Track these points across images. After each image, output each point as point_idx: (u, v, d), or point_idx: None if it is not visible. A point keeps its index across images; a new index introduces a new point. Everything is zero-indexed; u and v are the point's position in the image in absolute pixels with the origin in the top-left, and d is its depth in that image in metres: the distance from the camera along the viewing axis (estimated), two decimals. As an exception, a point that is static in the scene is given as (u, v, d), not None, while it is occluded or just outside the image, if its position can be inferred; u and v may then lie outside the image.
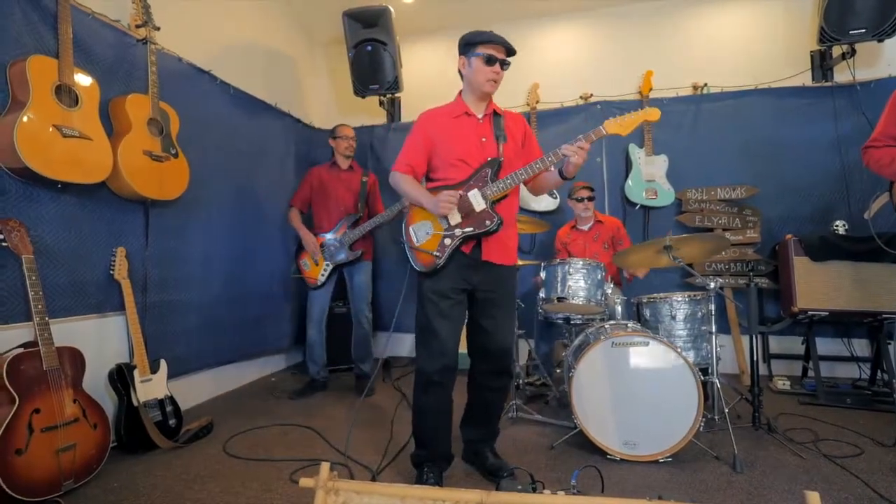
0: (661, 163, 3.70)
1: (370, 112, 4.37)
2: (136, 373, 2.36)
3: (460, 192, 1.87)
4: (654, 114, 1.82)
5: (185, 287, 2.89)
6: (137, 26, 2.60)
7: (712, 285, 2.39)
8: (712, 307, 2.44)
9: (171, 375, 2.61)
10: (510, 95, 4.05)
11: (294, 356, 4.05)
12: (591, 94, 3.93)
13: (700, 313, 2.59)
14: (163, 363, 2.49)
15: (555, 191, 3.88)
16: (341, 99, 4.50)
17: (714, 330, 2.42)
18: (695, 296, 2.62)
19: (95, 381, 2.28)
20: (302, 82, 4.36)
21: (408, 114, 4.23)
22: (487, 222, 1.86)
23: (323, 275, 3.22)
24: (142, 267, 2.62)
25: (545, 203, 3.88)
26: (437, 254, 1.87)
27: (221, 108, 3.24)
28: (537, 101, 3.97)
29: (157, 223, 2.71)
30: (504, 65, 1.90)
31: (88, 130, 2.21)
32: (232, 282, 3.26)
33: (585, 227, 3.35)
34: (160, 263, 2.73)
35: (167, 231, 2.77)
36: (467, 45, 1.92)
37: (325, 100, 4.58)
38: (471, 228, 1.86)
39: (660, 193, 3.68)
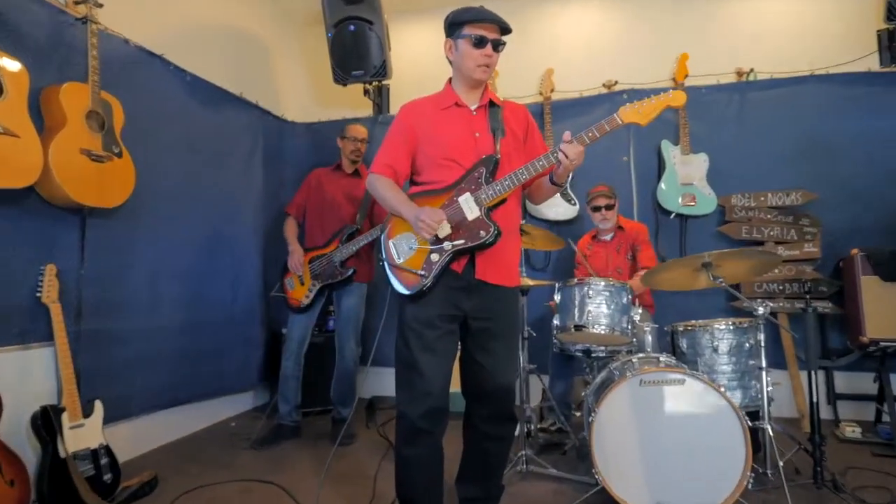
0: (700, 163, 3.72)
1: (353, 102, 4.41)
2: (64, 417, 2.34)
3: (446, 209, 1.86)
4: (678, 98, 1.81)
5: (129, 312, 2.89)
6: (76, 2, 2.64)
7: (760, 311, 2.37)
8: (762, 337, 2.41)
9: (109, 420, 2.58)
10: (520, 83, 4.09)
11: (260, 395, 4.02)
12: (616, 82, 3.96)
13: (748, 344, 2.57)
14: (98, 405, 2.47)
15: (573, 195, 3.89)
16: (319, 87, 4.54)
17: (764, 365, 2.40)
18: (741, 323, 2.60)
19: (15, 427, 2.26)
20: (273, 68, 4.41)
21: (397, 104, 4.25)
22: (482, 233, 1.84)
23: (308, 296, 3.23)
24: (76, 288, 2.61)
25: (561, 210, 3.89)
26: (423, 273, 1.86)
27: (176, 98, 3.27)
28: (552, 90, 4.00)
29: (96, 235, 2.71)
30: (498, 46, 1.90)
31: (14, 125, 2.22)
32: (186, 306, 3.25)
33: (607, 237, 3.36)
34: (98, 284, 2.72)
35: (108, 245, 2.77)
36: (452, 26, 1.93)
37: (300, 88, 4.63)
38: (462, 241, 1.85)
39: (699, 199, 3.68)
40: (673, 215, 3.74)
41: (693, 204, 3.68)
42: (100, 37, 2.63)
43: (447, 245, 1.85)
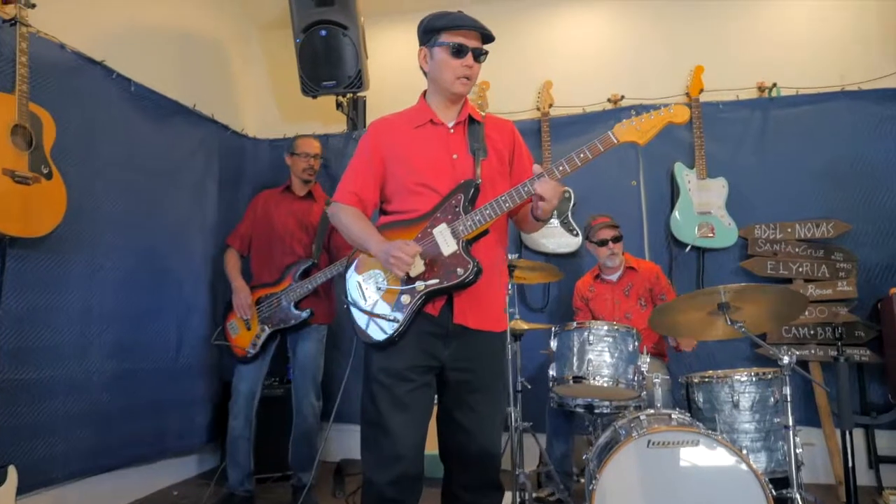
0: (718, 189, 3.79)
1: (325, 116, 4.47)
2: (-29, 484, 2.30)
3: (419, 243, 1.88)
4: (681, 113, 1.86)
5: (53, 360, 2.87)
6: (4, 2, 2.69)
7: (786, 360, 2.39)
8: (788, 391, 2.42)
9: (26, 489, 2.55)
10: (514, 98, 4.18)
11: (208, 459, 3.96)
12: (623, 97, 4.06)
13: (773, 399, 2.59)
14: (11, 472, 2.43)
15: (575, 225, 3.95)
16: (285, 99, 4.61)
17: (791, 423, 2.40)
18: (765, 374, 2.63)
19: (-88, 497, 2.22)
20: (232, 77, 4.48)
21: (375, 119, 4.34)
22: (460, 271, 1.84)
23: (255, 344, 3.20)
24: (-9, 331, 2.60)
25: (562, 242, 3.94)
26: (392, 318, 1.87)
27: (118, 110, 3.32)
28: (550, 105, 4.10)
29: (18, 269, 2.71)
30: (479, 55, 1.94)
31: (-74, 143, 2.24)
32: (122, 352, 3.23)
33: (613, 277, 3.40)
34: (18, 326, 2.71)
35: (31, 280, 2.77)
36: (427, 33, 1.96)
37: (264, 100, 4.70)
38: (437, 280, 1.85)
39: (718, 230, 3.74)
40: (688, 248, 3.79)
41: (711, 235, 3.74)
42: (31, 41, 2.68)
43: (419, 285, 1.85)
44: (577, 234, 3.93)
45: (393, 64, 4.40)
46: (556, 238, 3.95)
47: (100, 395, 3.09)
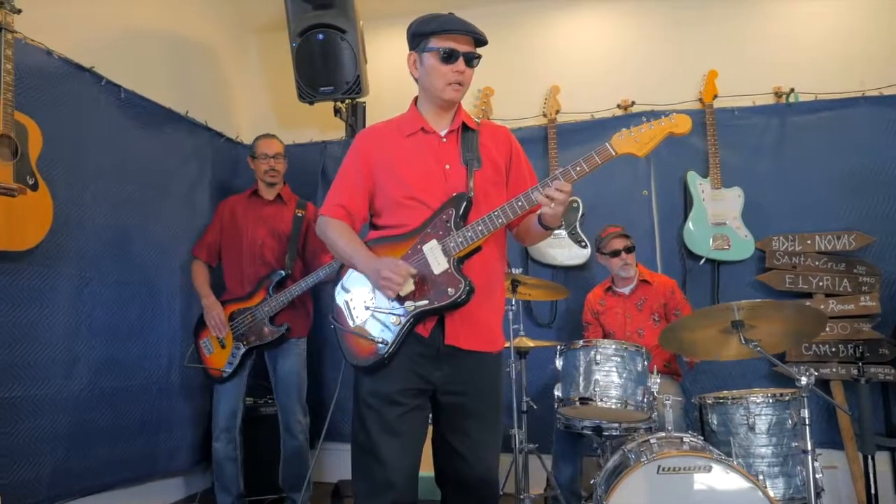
0: (733, 199, 3.80)
1: (323, 122, 4.50)
2: (-48, 509, 2.32)
3: (409, 260, 1.88)
4: (682, 123, 1.85)
5: (39, 378, 2.88)
6: (-12, 8, 2.72)
7: (804, 381, 2.38)
8: (806, 413, 2.41)
9: (9, 512, 2.57)
10: (519, 103, 4.20)
11: (200, 479, 3.96)
12: (633, 103, 4.07)
13: (790, 421, 2.58)
14: (-5, 494, 2.45)
15: (584, 236, 3.95)
16: (282, 104, 4.64)
17: (810, 447, 2.39)
18: (782, 395, 2.61)
19: None
20: (226, 82, 4.52)
21: (375, 126, 4.37)
22: (451, 291, 1.83)
23: (231, 363, 3.18)
24: (-26, 348, 2.63)
25: (570, 254, 3.94)
26: (381, 340, 1.86)
27: (107, 118, 3.34)
28: (557, 111, 4.11)
29: (3, 283, 2.73)
30: (471, 60, 1.93)
31: None
32: (110, 369, 3.25)
33: (625, 290, 3.40)
34: (2, 343, 2.72)
35: (16, 295, 2.79)
36: (416, 37, 1.96)
37: (259, 106, 4.73)
38: (426, 301, 1.84)
39: (733, 242, 3.74)
40: (703, 261, 3.79)
41: (727, 247, 3.74)
42: (17, 47, 2.70)
43: (409, 305, 1.84)
44: (585, 246, 3.93)
45: (393, 68, 4.39)
46: (564, 249, 3.95)
47: (88, 414, 3.10)
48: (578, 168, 1.83)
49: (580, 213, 3.95)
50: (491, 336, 1.98)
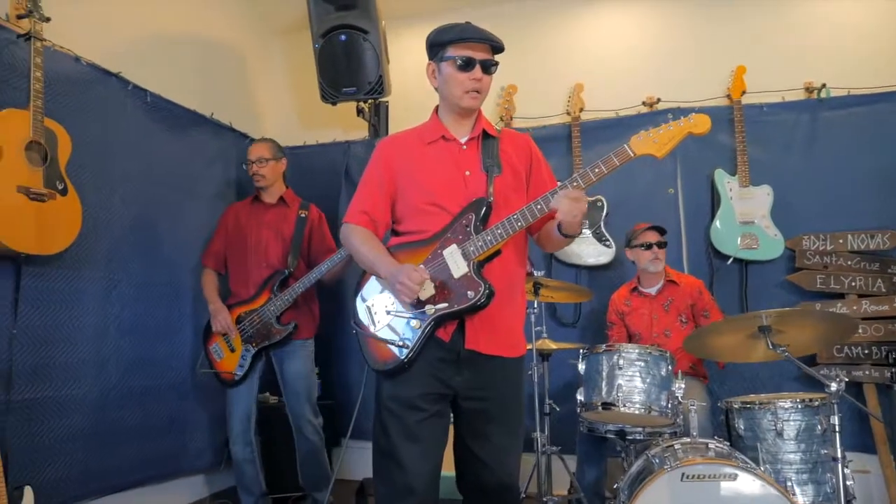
0: (762, 197, 3.72)
1: (346, 122, 4.51)
2: (-14, 508, 2.38)
3: (429, 265, 1.89)
4: (701, 123, 1.83)
5: (69, 379, 2.95)
6: (19, 17, 2.78)
7: (834, 387, 2.32)
8: (835, 420, 2.36)
9: (42, 509, 2.63)
10: (542, 102, 4.16)
11: (223, 478, 4.01)
12: (658, 100, 4.01)
13: (820, 427, 2.52)
14: (28, 493, 2.50)
15: (608, 235, 3.91)
16: (305, 105, 4.66)
17: (840, 455, 2.33)
18: (811, 401, 2.55)
19: (-73, 521, 2.30)
20: (250, 84, 4.55)
21: (398, 125, 4.34)
22: (470, 294, 1.84)
23: (242, 365, 3.19)
24: (6, 350, 2.69)
25: (595, 252, 3.90)
26: (401, 344, 1.88)
27: (133, 122, 3.40)
28: (581, 109, 4.07)
29: (33, 287, 2.80)
30: (489, 67, 1.96)
31: (-58, 163, 2.33)
32: (138, 369, 3.32)
33: (652, 290, 3.35)
34: (34, 345, 2.80)
35: (47, 298, 2.86)
36: (434, 47, 2.00)
37: (283, 106, 4.77)
38: (446, 305, 1.85)
39: (762, 241, 3.67)
40: (731, 260, 3.72)
41: (755, 247, 3.67)
42: (45, 54, 2.76)
43: (429, 309, 1.85)
44: (610, 245, 3.88)
45: (415, 68, 4.36)
46: (588, 248, 3.91)
47: (117, 413, 3.17)
48: (597, 170, 1.84)
49: (605, 211, 3.91)
50: (512, 340, 1.99)
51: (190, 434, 3.63)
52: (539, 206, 1.86)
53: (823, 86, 3.78)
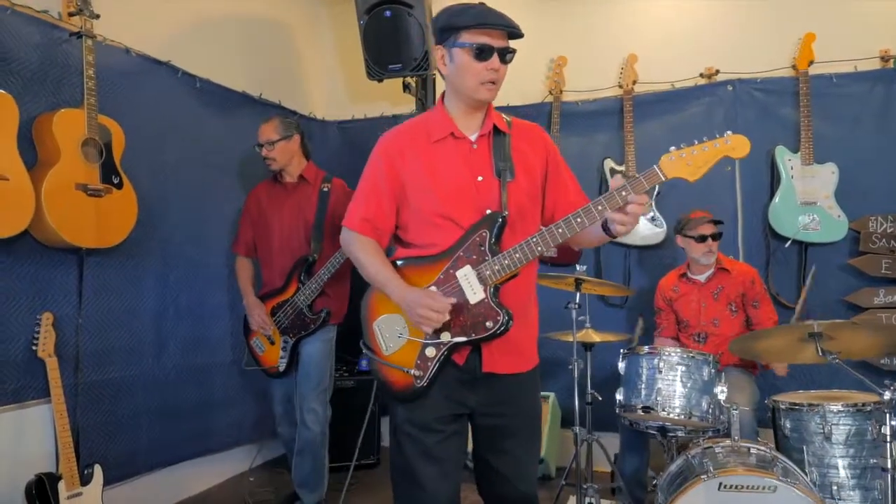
0: (826, 176, 3.54)
1: (393, 96, 4.47)
2: (61, 486, 2.57)
3: (442, 286, 1.79)
4: (740, 147, 1.69)
5: (131, 360, 3.13)
6: (70, 14, 2.83)
7: (887, 396, 2.23)
8: (888, 431, 2.27)
9: (111, 480, 2.82)
10: (593, 74, 4.01)
11: (278, 446, 4.16)
12: (718, 71, 3.81)
13: (871, 434, 2.44)
14: (98, 471, 2.69)
15: (658, 214, 3.79)
16: (352, 79, 4.63)
17: (891, 465, 2.26)
18: (863, 405, 2.46)
19: (8, 497, 2.51)
20: (297, 59, 4.54)
21: (446, 99, 4.30)
22: (489, 324, 1.75)
23: (283, 357, 3.18)
24: (73, 336, 2.85)
25: (644, 233, 3.79)
26: (417, 373, 1.80)
27: (184, 108, 3.46)
28: (634, 82, 3.90)
29: (95, 277, 2.94)
30: (506, 55, 1.79)
31: (3, 167, 2.43)
32: (197, 349, 3.48)
33: (701, 278, 3.26)
34: (98, 331, 2.96)
35: (107, 287, 3.01)
36: (445, 31, 1.80)
37: (331, 81, 4.76)
38: (464, 337, 1.77)
39: (824, 222, 3.51)
40: (789, 242, 3.58)
41: (817, 228, 3.51)
42: (97, 51, 2.81)
43: (444, 336, 1.78)
44: (660, 225, 3.77)
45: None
46: (637, 227, 3.80)
47: (177, 390, 3.35)
48: (624, 192, 1.68)
49: (656, 190, 3.78)
50: (528, 354, 1.93)
51: (245, 407, 3.80)
52: (560, 230, 1.74)
53: (901, 54, 3.51)
